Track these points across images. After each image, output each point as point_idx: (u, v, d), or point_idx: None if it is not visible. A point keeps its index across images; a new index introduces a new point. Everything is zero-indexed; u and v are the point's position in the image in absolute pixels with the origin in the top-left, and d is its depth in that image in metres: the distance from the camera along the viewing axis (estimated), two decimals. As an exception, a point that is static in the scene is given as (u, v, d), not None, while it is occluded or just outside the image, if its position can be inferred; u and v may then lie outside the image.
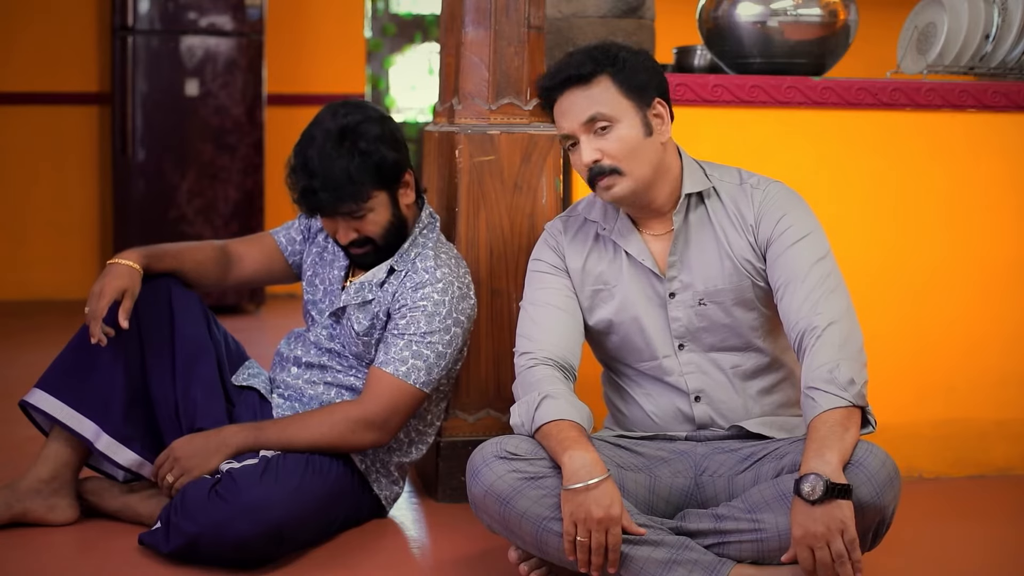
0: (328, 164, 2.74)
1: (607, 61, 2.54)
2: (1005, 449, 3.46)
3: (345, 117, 2.78)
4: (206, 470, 2.72)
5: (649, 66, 2.58)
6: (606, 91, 2.53)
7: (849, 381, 2.37)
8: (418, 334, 2.80)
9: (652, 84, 2.56)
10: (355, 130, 2.77)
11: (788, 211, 2.58)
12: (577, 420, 2.45)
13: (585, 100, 2.54)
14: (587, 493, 2.34)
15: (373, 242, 2.84)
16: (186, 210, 6.10)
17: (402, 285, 2.85)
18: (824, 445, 2.30)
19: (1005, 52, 3.51)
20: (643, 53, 2.60)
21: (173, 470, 2.74)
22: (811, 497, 2.25)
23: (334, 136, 2.76)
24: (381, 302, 2.87)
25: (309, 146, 2.77)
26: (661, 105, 2.56)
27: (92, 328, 2.73)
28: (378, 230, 2.83)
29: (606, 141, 2.53)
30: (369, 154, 2.76)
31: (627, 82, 2.53)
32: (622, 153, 2.53)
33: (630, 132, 2.53)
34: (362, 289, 2.89)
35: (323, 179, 2.73)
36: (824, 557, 2.25)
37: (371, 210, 2.80)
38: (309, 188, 2.75)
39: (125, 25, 5.99)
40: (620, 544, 2.34)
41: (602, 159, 2.53)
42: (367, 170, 2.76)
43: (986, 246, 3.44)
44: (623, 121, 2.53)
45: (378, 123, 2.80)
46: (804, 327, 2.46)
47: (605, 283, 2.65)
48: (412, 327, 2.80)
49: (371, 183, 2.78)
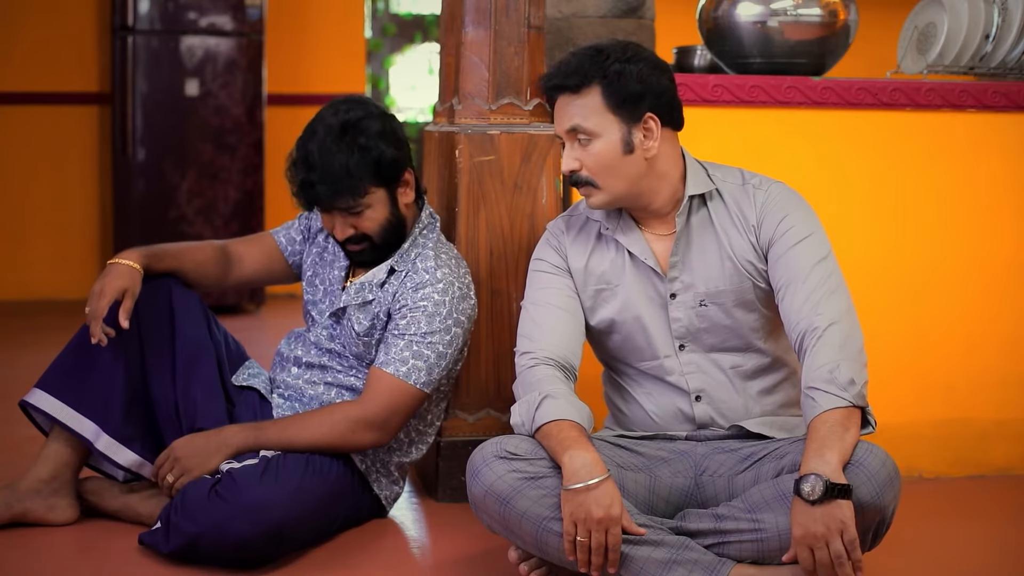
0: (327, 158, 2.74)
1: (598, 73, 2.51)
2: (1005, 449, 3.46)
3: (347, 113, 2.79)
4: (206, 470, 2.72)
5: (645, 77, 2.52)
6: (592, 103, 2.52)
7: (849, 381, 2.37)
8: (419, 334, 2.80)
9: (646, 98, 2.52)
10: (356, 126, 2.77)
11: (790, 212, 2.58)
12: (577, 420, 2.45)
13: (571, 108, 2.54)
14: (587, 493, 2.34)
15: (370, 240, 2.84)
16: (186, 210, 6.10)
17: (402, 285, 2.85)
18: (824, 445, 2.30)
19: (1005, 52, 3.51)
20: (643, 62, 2.54)
21: (173, 470, 2.74)
22: (811, 497, 2.25)
23: (335, 131, 2.76)
24: (381, 302, 2.87)
25: (310, 140, 2.78)
26: (653, 120, 2.53)
27: (92, 328, 2.73)
28: (375, 227, 2.83)
29: (586, 153, 2.54)
30: (368, 150, 2.76)
31: (616, 96, 2.51)
32: (597, 168, 2.53)
33: (607, 149, 2.52)
34: (362, 289, 2.89)
35: (321, 172, 2.74)
36: (824, 557, 2.25)
37: (368, 207, 2.80)
38: (307, 181, 2.76)
39: (125, 25, 5.99)
40: (620, 544, 2.34)
41: (580, 169, 2.54)
42: (365, 166, 2.76)
43: (986, 246, 3.44)
44: (603, 137, 2.52)
45: (379, 120, 2.81)
46: (805, 327, 2.46)
47: (607, 282, 2.65)
48: (413, 327, 2.80)
49: (369, 179, 2.78)
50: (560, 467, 2.39)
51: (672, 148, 2.59)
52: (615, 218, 2.65)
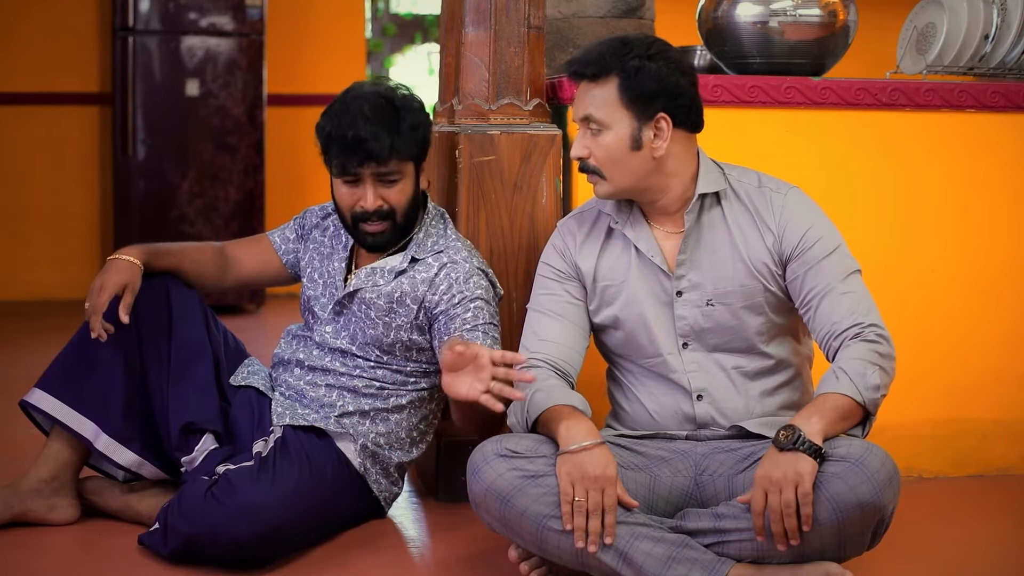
0: (382, 116, 2.76)
1: (618, 65, 2.53)
2: (1005, 449, 3.46)
3: (388, 89, 2.83)
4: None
5: (663, 77, 2.53)
6: (608, 95, 2.54)
7: (875, 387, 2.44)
8: (487, 323, 2.81)
9: (660, 97, 2.54)
10: (401, 98, 2.82)
11: (814, 222, 2.61)
12: (569, 404, 2.49)
13: (587, 97, 2.57)
14: (584, 453, 2.38)
15: (393, 218, 2.83)
16: (186, 210, 6.10)
17: (447, 276, 2.84)
18: (817, 414, 2.38)
19: (1004, 52, 3.51)
20: (664, 61, 2.55)
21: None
22: (780, 443, 2.33)
23: (384, 97, 2.80)
24: (405, 287, 2.85)
25: (358, 102, 2.78)
26: (665, 120, 2.54)
27: (92, 323, 2.73)
28: (403, 202, 2.83)
29: (595, 143, 2.56)
30: (416, 121, 2.80)
31: (631, 91, 2.53)
32: (605, 159, 2.56)
33: (615, 142, 2.54)
34: (373, 275, 2.88)
35: (375, 129, 2.74)
36: (775, 503, 2.31)
37: (403, 178, 2.81)
38: (359, 137, 2.74)
39: (125, 25, 6.00)
40: (616, 507, 2.37)
41: (588, 157, 2.57)
42: (414, 131, 2.80)
43: (986, 246, 3.44)
44: (612, 129, 2.54)
45: (416, 99, 2.86)
46: (850, 323, 2.51)
47: (614, 279, 2.66)
48: (481, 317, 2.80)
49: (412, 147, 2.81)
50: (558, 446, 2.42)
51: (685, 149, 2.59)
52: (625, 212, 2.66)
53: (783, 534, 2.32)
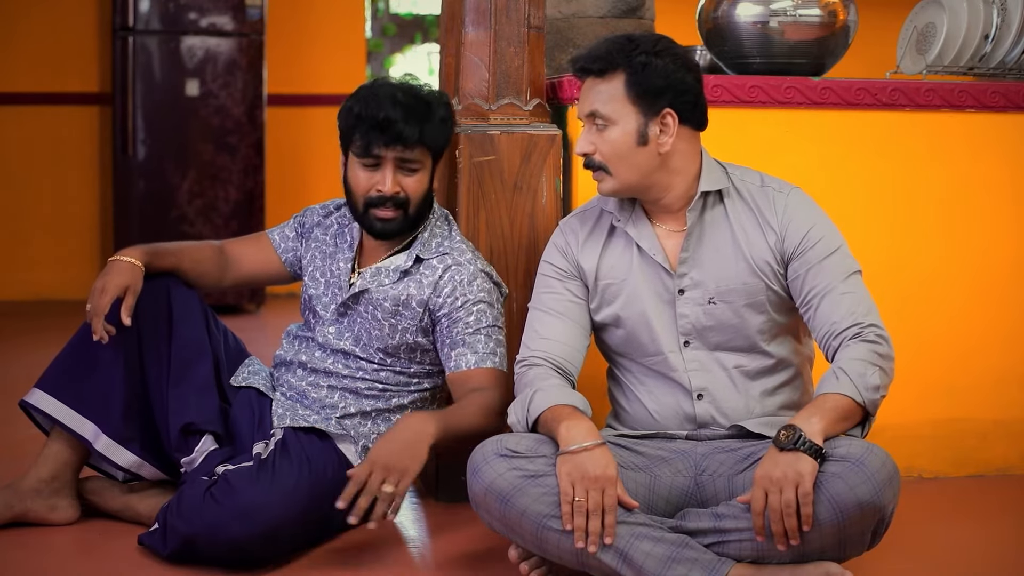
0: (413, 101, 2.79)
1: (624, 61, 2.54)
2: (1005, 449, 3.46)
3: (419, 84, 2.87)
4: (423, 461, 2.64)
5: (670, 73, 2.54)
6: (614, 90, 2.55)
7: (875, 387, 2.45)
8: (490, 326, 2.85)
9: (667, 93, 2.55)
10: (431, 92, 2.86)
11: (816, 222, 2.62)
12: (570, 404, 2.49)
13: (593, 92, 2.58)
14: (584, 453, 2.38)
15: (406, 207, 2.84)
16: (186, 210, 6.10)
17: (451, 279, 2.86)
18: (817, 414, 2.39)
19: (1004, 52, 3.51)
20: (671, 57, 2.56)
21: (390, 478, 2.62)
22: (781, 443, 2.33)
23: (415, 90, 2.83)
24: (411, 290, 2.87)
25: (392, 88, 2.81)
26: (671, 116, 2.55)
27: (94, 325, 2.73)
28: (420, 192, 2.84)
29: (601, 138, 2.57)
30: (445, 115, 2.84)
31: (638, 86, 2.54)
32: (611, 154, 2.56)
33: (621, 137, 2.55)
34: (378, 274, 2.89)
35: (406, 111, 2.77)
36: (775, 502, 2.31)
37: (422, 169, 2.84)
38: (389, 119, 2.77)
39: (125, 25, 6.00)
40: (616, 507, 2.37)
41: (594, 153, 2.57)
42: (444, 124, 2.84)
43: (986, 246, 3.44)
44: (619, 125, 2.55)
45: (445, 96, 2.89)
46: (850, 323, 2.51)
47: (615, 278, 2.66)
48: (483, 320, 2.84)
49: (440, 139, 2.84)
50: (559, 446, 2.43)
51: (689, 146, 2.60)
52: (628, 209, 2.66)
53: (783, 534, 2.32)
